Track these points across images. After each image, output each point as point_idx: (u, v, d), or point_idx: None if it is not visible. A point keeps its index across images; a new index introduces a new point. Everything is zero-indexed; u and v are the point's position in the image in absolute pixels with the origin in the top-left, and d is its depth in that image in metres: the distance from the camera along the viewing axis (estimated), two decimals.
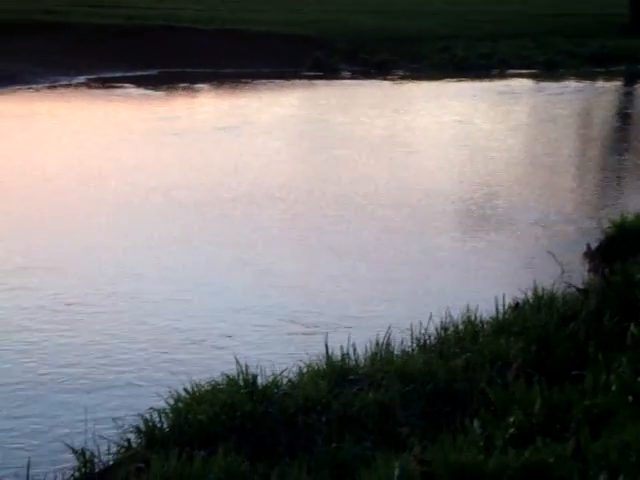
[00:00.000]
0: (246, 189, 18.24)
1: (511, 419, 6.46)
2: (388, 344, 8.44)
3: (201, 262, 13.47)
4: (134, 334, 10.51)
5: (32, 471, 6.15)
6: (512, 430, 6.30)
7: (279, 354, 9.55)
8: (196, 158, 21.90)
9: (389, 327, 8.61)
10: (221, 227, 15.49)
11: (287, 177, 19.65)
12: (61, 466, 6.91)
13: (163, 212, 16.46)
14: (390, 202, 17.17)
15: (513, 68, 39.30)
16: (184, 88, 36.51)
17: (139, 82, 36.54)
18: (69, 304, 11.40)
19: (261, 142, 24.31)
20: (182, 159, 21.78)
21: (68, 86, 35.98)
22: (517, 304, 9.39)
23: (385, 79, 38.51)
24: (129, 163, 21.08)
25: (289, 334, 10.53)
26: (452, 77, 37.89)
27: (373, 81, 38.17)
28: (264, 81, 37.82)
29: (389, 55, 40.93)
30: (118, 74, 38.10)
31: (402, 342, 8.57)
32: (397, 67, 40.23)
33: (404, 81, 38.65)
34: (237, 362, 7.74)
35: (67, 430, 7.83)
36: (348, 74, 40.20)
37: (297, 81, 38.38)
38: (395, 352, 8.37)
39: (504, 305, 9.31)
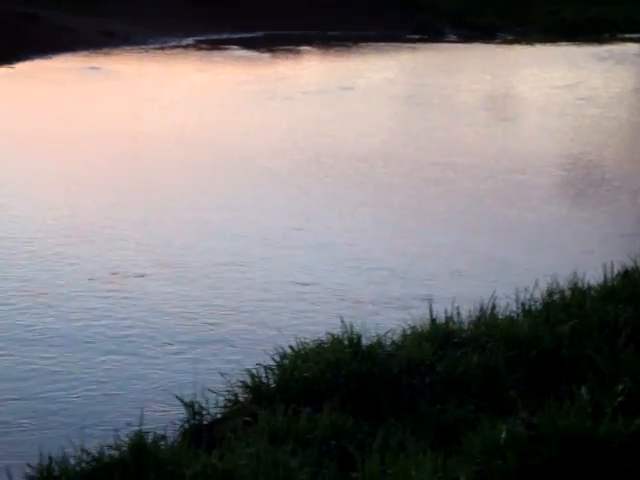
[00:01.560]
0: (346, 152, 18.29)
1: (620, 387, 6.38)
2: (493, 308, 8.41)
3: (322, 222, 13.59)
4: (242, 291, 10.68)
5: (144, 422, 6.31)
6: (621, 398, 6.23)
7: (383, 316, 9.61)
8: (300, 120, 22.00)
9: (494, 291, 8.58)
10: (340, 188, 15.64)
11: (381, 142, 19.60)
12: (171, 418, 7.08)
13: (278, 172, 16.67)
14: (489, 170, 17.02)
15: (624, 32, 38.32)
16: (289, 50, 36.62)
17: (245, 44, 36.78)
18: (177, 261, 11.66)
19: (362, 106, 24.27)
20: (288, 121, 21.90)
21: (177, 47, 36.44)
22: (626, 271, 9.25)
23: (491, 42, 37.98)
24: (235, 125, 21.29)
25: (394, 298, 10.56)
26: (560, 41, 37.14)
27: (478, 44, 37.67)
28: (368, 44, 37.65)
29: (495, 18, 40.30)
30: (225, 36, 38.40)
31: (507, 307, 8.52)
32: (503, 30, 39.62)
33: (510, 45, 38.05)
34: (342, 321, 7.82)
35: (177, 383, 8.03)
36: (453, 37, 39.76)
37: (401, 44, 38.10)
38: (500, 317, 8.33)
39: (612, 272, 9.18)
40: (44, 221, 13.30)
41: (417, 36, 39.06)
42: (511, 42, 38.36)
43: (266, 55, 35.77)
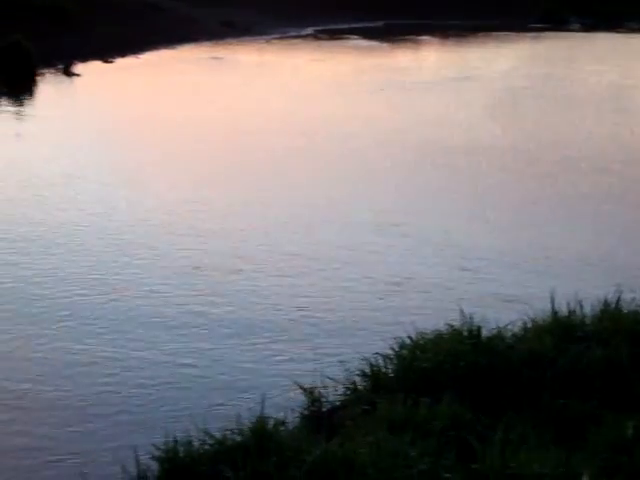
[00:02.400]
0: (457, 144, 18.18)
1: None
2: (618, 302, 8.22)
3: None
4: (359, 283, 10.71)
5: (265, 407, 6.40)
6: None
7: (498, 307, 9.52)
8: (421, 110, 21.90)
9: (618, 285, 8.39)
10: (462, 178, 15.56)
11: (495, 135, 19.36)
12: (291, 404, 7.15)
13: (386, 164, 16.65)
14: (606, 164, 16.69)
15: None
16: (408, 40, 36.44)
17: (364, 33, 36.79)
18: (291, 253, 11.77)
19: (478, 97, 24.00)
20: (409, 110, 21.84)
21: (296, 37, 36.68)
22: None
23: (616, 32, 37.06)
24: (358, 114, 21.33)
25: (510, 294, 10.45)
26: None
27: (603, 34, 36.82)
28: (490, 33, 37.18)
29: (623, 6, 39.35)
30: (344, 26, 38.46)
31: (632, 301, 8.31)
32: (631, 19, 38.62)
33: (638, 34, 37.07)
34: (462, 312, 7.76)
35: (297, 370, 8.11)
36: (577, 26, 38.94)
37: (524, 33, 37.52)
38: (624, 311, 8.13)
39: None
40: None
41: (540, 25, 38.38)
42: (639, 31, 37.38)
43: (385, 45, 35.68)
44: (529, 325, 7.89)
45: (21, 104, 22.86)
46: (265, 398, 6.60)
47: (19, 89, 24.31)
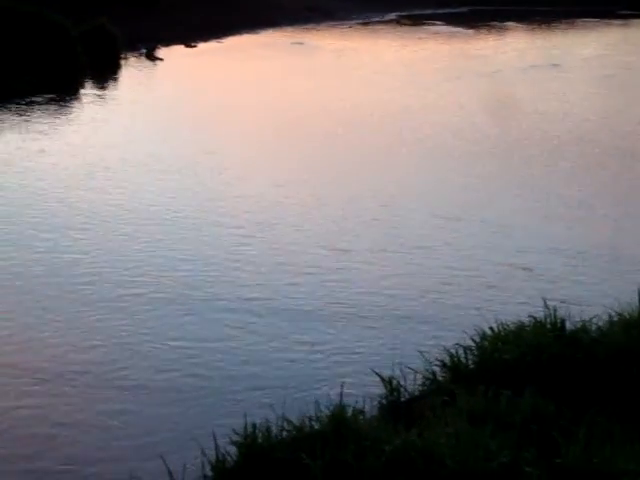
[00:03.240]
0: (537, 134, 17.92)
1: None
2: None
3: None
4: (440, 271, 10.61)
5: (345, 396, 6.37)
6: None
7: (583, 300, 9.34)
8: (495, 99, 21.67)
9: None
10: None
11: (577, 125, 19.05)
12: (369, 392, 7.10)
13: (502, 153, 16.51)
14: None
15: None
16: (494, 27, 36.02)
17: (449, 19, 36.47)
18: (379, 245, 11.71)
19: (563, 85, 23.61)
20: (482, 99, 21.60)
21: (379, 22, 36.51)
22: None
23: None
24: (427, 103, 21.18)
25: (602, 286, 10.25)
26: None
27: None
28: (577, 20, 36.57)
29: None
30: (428, 11, 38.18)
31: None
32: None
33: None
34: (545, 305, 7.62)
35: (375, 358, 8.06)
36: None
37: (612, 20, 36.80)
38: None
39: None
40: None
41: (629, 12, 37.59)
42: None
43: (470, 31, 35.31)
44: (615, 319, 7.71)
45: (105, 88, 23.14)
46: (343, 386, 6.57)
47: (103, 72, 24.61)
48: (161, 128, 18.30)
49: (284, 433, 6.04)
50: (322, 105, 20.95)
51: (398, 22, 37.01)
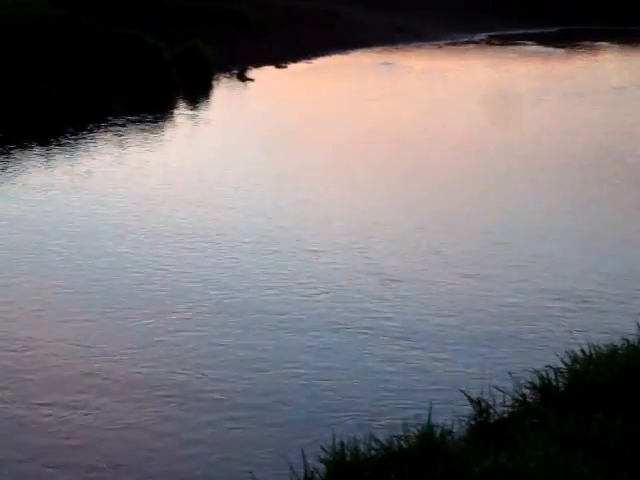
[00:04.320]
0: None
1: None
2: None
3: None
4: (529, 294, 10.49)
5: (433, 416, 6.34)
6: None
7: None
8: (583, 120, 21.42)
9: None
10: None
11: None
12: (458, 413, 7.06)
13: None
14: None
15: None
16: (585, 46, 35.58)
17: (539, 39, 36.12)
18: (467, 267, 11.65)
19: None
20: (569, 121, 21.39)
21: (469, 43, 36.37)
22: None
23: None
24: (514, 124, 21.02)
25: None
26: None
27: None
28: None
29: None
30: (519, 31, 37.89)
31: None
32: None
33: None
34: (638, 326, 7.50)
35: (464, 379, 8.01)
36: None
37: None
38: None
39: None
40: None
41: None
42: None
43: (561, 51, 34.93)
44: None
45: (197, 108, 23.48)
46: (432, 407, 6.55)
47: (196, 93, 24.99)
48: (253, 146, 18.49)
49: (372, 452, 6.04)
50: (421, 126, 20.92)
51: (488, 42, 36.81)
